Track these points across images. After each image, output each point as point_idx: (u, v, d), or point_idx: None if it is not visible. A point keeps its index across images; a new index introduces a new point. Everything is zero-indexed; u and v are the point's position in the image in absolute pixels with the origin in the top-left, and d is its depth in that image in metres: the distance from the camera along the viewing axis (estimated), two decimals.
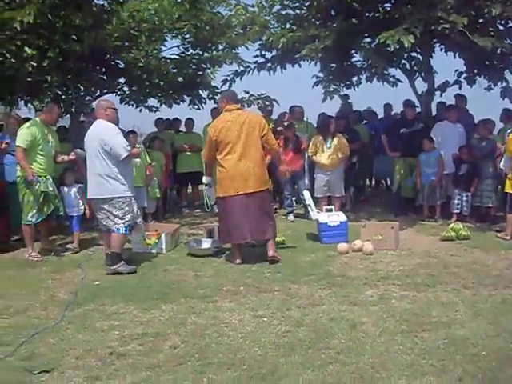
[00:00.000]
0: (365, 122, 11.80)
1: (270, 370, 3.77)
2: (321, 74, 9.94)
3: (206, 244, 7.51)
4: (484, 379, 3.57)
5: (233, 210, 6.68)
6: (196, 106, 11.26)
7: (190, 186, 11.69)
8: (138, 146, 8.49)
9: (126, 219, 6.50)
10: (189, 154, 11.06)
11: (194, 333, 4.50)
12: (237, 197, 6.64)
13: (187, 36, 10.45)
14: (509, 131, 8.50)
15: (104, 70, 9.88)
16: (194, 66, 10.56)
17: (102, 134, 6.41)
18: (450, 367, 3.76)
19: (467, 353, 3.98)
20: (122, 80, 10.43)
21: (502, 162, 8.08)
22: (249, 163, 6.63)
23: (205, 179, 7.35)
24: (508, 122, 9.61)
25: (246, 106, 10.14)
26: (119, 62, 9.89)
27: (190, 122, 11.48)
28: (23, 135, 7.09)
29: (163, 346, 4.27)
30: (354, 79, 10.89)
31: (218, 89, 11.04)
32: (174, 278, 6.16)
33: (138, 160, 8.22)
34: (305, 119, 11.05)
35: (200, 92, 11.07)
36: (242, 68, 10.92)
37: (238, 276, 6.15)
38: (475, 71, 10.45)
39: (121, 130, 6.91)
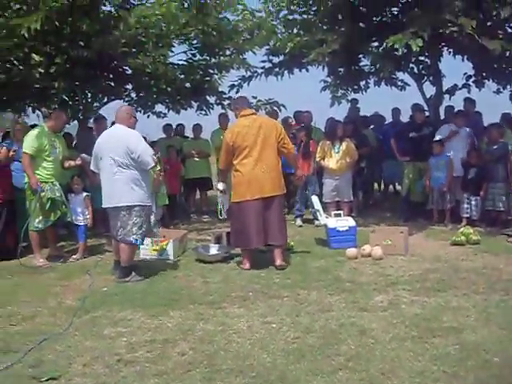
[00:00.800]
0: (372, 126, 11.73)
1: (279, 376, 3.73)
2: (328, 79, 9.95)
3: (214, 250, 7.47)
4: None
5: (248, 215, 6.64)
6: (203, 112, 11.27)
7: (198, 192, 11.63)
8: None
9: (143, 229, 6.39)
10: (197, 159, 10.99)
11: (203, 339, 4.46)
12: (253, 202, 6.61)
13: (194, 42, 10.45)
14: None
15: (111, 76, 9.86)
16: (201, 72, 10.54)
17: (127, 141, 6.24)
18: (461, 373, 3.71)
19: (479, 359, 3.93)
20: (129, 86, 10.42)
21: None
22: (265, 167, 6.62)
23: (220, 185, 7.24)
24: (508, 126, 9.52)
25: None
26: (126, 68, 9.87)
27: (197, 127, 11.41)
28: (30, 142, 7.09)
29: (171, 352, 4.23)
30: (362, 83, 10.88)
31: (225, 94, 11.05)
32: (183, 284, 6.13)
33: None
34: (312, 124, 11.00)
35: (207, 97, 11.06)
36: (249, 73, 10.98)
37: (246, 282, 6.11)
38: (484, 74, 10.42)
39: None
